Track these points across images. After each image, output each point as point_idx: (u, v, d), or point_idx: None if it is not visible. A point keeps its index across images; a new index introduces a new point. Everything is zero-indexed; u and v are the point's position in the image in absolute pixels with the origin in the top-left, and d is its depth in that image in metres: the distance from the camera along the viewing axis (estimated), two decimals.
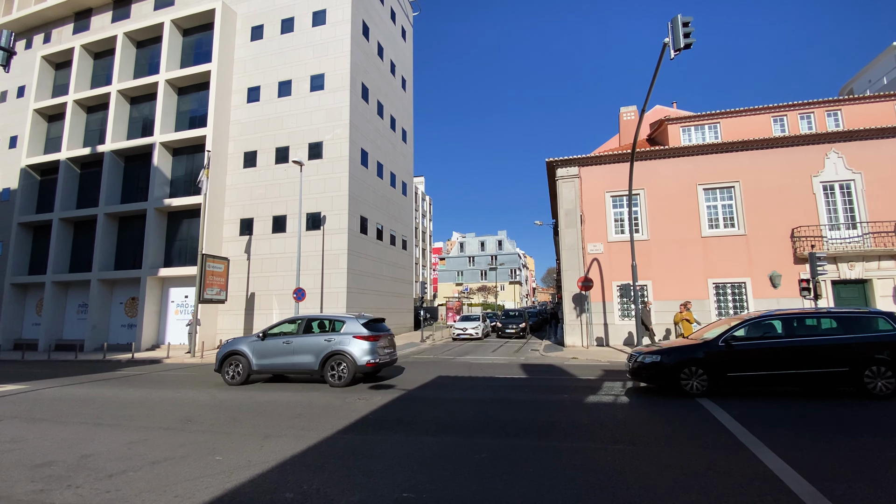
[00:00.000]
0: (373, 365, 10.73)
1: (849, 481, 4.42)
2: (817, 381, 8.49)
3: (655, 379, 9.17)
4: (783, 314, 9.13)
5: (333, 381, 10.64)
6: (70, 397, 10.16)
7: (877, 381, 8.24)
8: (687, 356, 8.91)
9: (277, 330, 11.68)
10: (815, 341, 8.61)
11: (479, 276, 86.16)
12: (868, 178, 17.07)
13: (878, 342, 8.39)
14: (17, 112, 30.75)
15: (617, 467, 4.95)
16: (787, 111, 19.97)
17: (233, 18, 26.51)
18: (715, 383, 8.75)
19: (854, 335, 8.53)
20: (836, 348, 8.46)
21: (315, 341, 11.05)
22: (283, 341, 11.28)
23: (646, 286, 18.50)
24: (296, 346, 11.13)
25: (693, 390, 8.73)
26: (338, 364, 10.70)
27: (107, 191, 25.44)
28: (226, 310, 23.88)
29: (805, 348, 8.54)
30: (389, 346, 11.73)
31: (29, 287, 27.39)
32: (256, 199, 24.64)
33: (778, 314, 9.16)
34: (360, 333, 10.85)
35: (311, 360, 10.91)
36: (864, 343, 8.41)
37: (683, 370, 8.82)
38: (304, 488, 4.50)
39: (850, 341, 8.46)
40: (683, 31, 10.95)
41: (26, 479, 4.92)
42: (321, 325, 11.63)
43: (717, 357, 8.76)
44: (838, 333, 8.67)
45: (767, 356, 8.63)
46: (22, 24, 31.61)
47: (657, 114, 26.63)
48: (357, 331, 10.88)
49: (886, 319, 8.66)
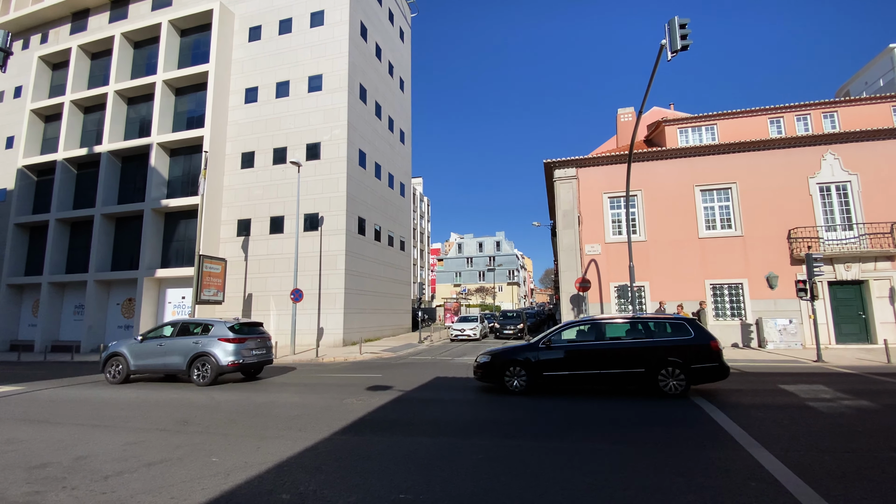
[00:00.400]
0: (235, 365, 11.56)
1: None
2: (619, 380, 9.13)
3: (486, 377, 9.78)
4: (597, 319, 9.79)
5: (198, 380, 11.38)
6: (66, 398, 10.11)
7: (669, 381, 8.88)
8: (510, 357, 9.62)
9: (155, 333, 12.46)
10: (620, 344, 9.32)
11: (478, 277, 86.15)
12: (864, 180, 17.14)
13: (671, 346, 9.03)
14: (13, 112, 30.65)
15: (614, 468, 4.95)
16: (784, 113, 20.05)
17: (231, 19, 26.49)
18: (534, 382, 9.43)
19: (653, 339, 9.23)
20: (636, 351, 9.14)
21: (184, 343, 11.83)
22: (157, 343, 12.07)
23: (643, 287, 18.54)
24: (167, 348, 11.91)
25: (515, 388, 9.43)
26: (202, 365, 11.47)
27: (104, 191, 25.36)
28: (223, 311, 23.82)
29: (610, 350, 9.23)
30: (259, 347, 12.44)
31: (25, 288, 27.27)
32: (254, 199, 24.60)
33: (593, 319, 9.83)
34: (224, 336, 11.67)
35: (180, 360, 11.71)
36: (660, 346, 9.05)
37: (507, 369, 9.52)
38: (300, 490, 4.49)
39: (648, 345, 9.15)
40: (680, 33, 11.00)
41: (22, 480, 4.89)
42: (193, 328, 12.30)
43: (541, 356, 9.48)
44: (642, 337, 9.39)
45: (578, 357, 9.30)
46: (19, 24, 31.52)
47: (654, 115, 26.72)
48: (222, 334, 11.69)
49: (685, 325, 9.28)
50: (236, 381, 12.32)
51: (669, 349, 8.98)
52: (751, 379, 10.90)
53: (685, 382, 8.79)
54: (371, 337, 25.38)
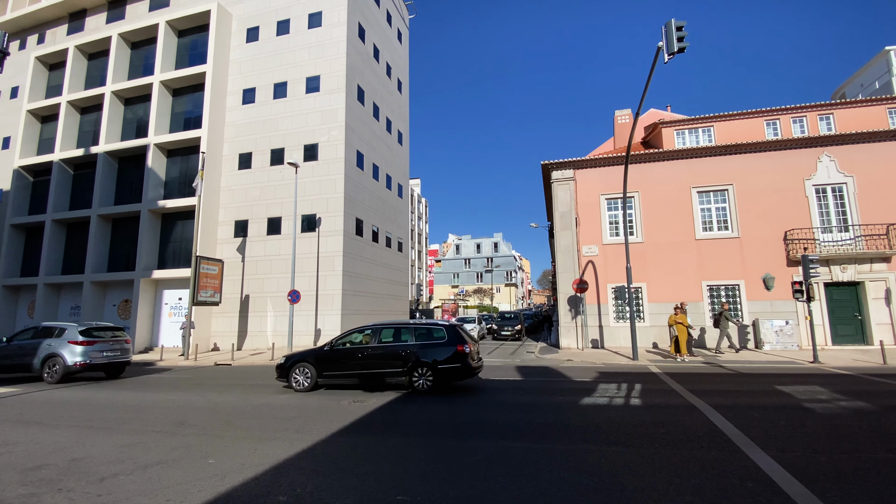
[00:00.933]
0: (82, 365, 12.71)
1: None
2: (383, 377, 10.20)
3: (281, 377, 10.74)
4: (377, 325, 10.94)
5: (49, 378, 12.68)
6: (61, 400, 10.06)
7: (420, 380, 9.95)
8: (300, 358, 10.67)
9: (19, 336, 13.79)
10: (383, 347, 10.41)
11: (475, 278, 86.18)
12: (860, 182, 17.23)
13: (425, 348, 10.13)
14: (10, 113, 30.54)
15: (612, 469, 4.95)
16: (780, 115, 20.15)
17: (228, 20, 26.46)
18: (316, 381, 10.49)
19: (412, 343, 10.31)
20: (396, 353, 10.23)
21: (38, 345, 13.10)
22: (18, 345, 13.44)
23: (641, 288, 18.58)
24: (26, 349, 13.24)
25: (299, 386, 10.45)
26: (52, 365, 12.73)
27: (100, 192, 25.28)
28: (220, 312, 23.76)
29: (376, 352, 10.34)
30: (113, 349, 13.62)
31: (21, 289, 27.15)
32: (251, 200, 24.55)
33: (374, 325, 10.96)
34: (74, 339, 12.89)
35: (35, 360, 12.93)
36: (417, 348, 10.13)
37: (296, 369, 10.57)
38: (297, 492, 4.48)
39: (407, 347, 10.21)
40: (677, 36, 11.05)
41: (17, 482, 4.87)
42: (50, 331, 13.45)
43: (322, 358, 10.61)
44: (405, 340, 10.47)
45: (351, 359, 10.42)
46: (16, 24, 31.41)
47: (651, 117, 26.81)
48: (72, 337, 12.93)
49: (442, 330, 10.31)
50: (98, 379, 13.49)
51: (425, 351, 10.07)
52: (747, 380, 10.93)
53: (433, 380, 9.86)
54: None
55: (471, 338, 10.63)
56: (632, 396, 9.14)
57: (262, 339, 23.07)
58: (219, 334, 23.71)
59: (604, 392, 9.67)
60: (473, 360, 10.15)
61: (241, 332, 23.48)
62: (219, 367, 16.52)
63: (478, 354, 10.73)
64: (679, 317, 14.64)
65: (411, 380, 9.99)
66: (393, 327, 10.84)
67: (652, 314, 18.36)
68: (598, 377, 11.81)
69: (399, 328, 10.77)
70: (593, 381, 11.27)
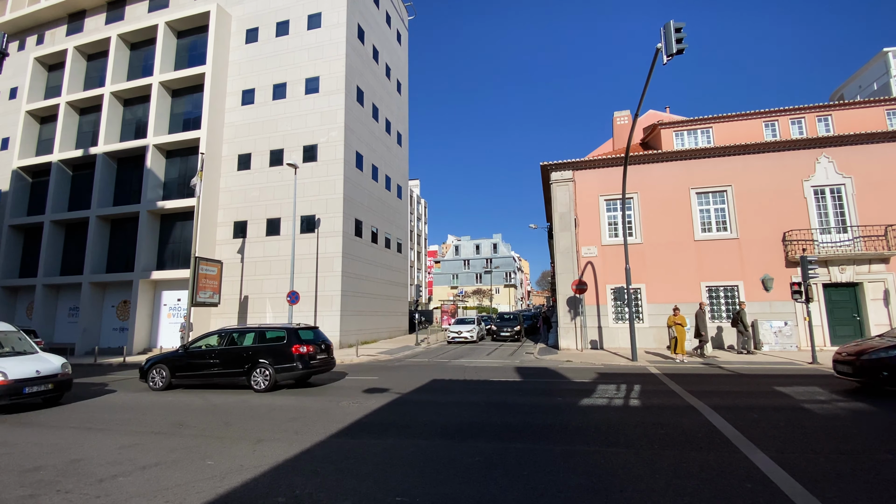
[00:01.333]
0: None
1: None
2: (228, 377, 11.02)
3: (142, 378, 11.55)
4: (226, 329, 11.80)
5: None
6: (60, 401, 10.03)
7: (259, 379, 10.67)
8: (157, 361, 11.60)
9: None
10: (229, 349, 11.22)
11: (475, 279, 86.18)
12: (858, 183, 17.26)
13: (262, 349, 10.90)
14: (8, 114, 30.52)
15: (611, 470, 4.95)
16: (779, 116, 20.19)
17: (227, 21, 26.47)
18: (171, 381, 11.34)
19: (254, 345, 11.09)
20: (240, 354, 11.02)
21: None
22: None
23: (640, 289, 18.59)
24: None
25: (155, 385, 11.31)
26: None
27: (99, 193, 25.25)
28: (219, 313, 23.74)
29: (222, 354, 11.16)
30: None
31: (19, 290, 27.10)
32: (250, 201, 24.55)
33: (224, 329, 11.83)
34: None
35: None
36: (255, 350, 10.93)
37: (153, 370, 11.45)
38: (296, 493, 4.48)
39: (249, 349, 11.00)
40: (676, 37, 11.07)
41: (15, 483, 4.86)
42: None
43: (176, 360, 11.46)
44: (250, 343, 11.24)
45: (201, 360, 11.29)
46: (15, 25, 31.40)
47: (650, 118, 26.86)
48: None
49: (284, 333, 11.08)
50: None
51: (262, 352, 10.85)
52: (746, 381, 10.94)
53: (270, 379, 10.59)
54: (368, 339, 25.33)
55: (316, 342, 11.54)
56: (631, 397, 9.15)
57: None
58: None
59: (603, 393, 9.67)
60: (314, 359, 11.08)
61: None
62: None
63: (322, 355, 11.57)
64: (678, 318, 14.65)
65: (250, 379, 10.75)
66: (239, 331, 11.78)
67: (651, 315, 18.36)
68: (598, 378, 11.82)
69: (245, 332, 11.70)
70: (592, 382, 11.27)
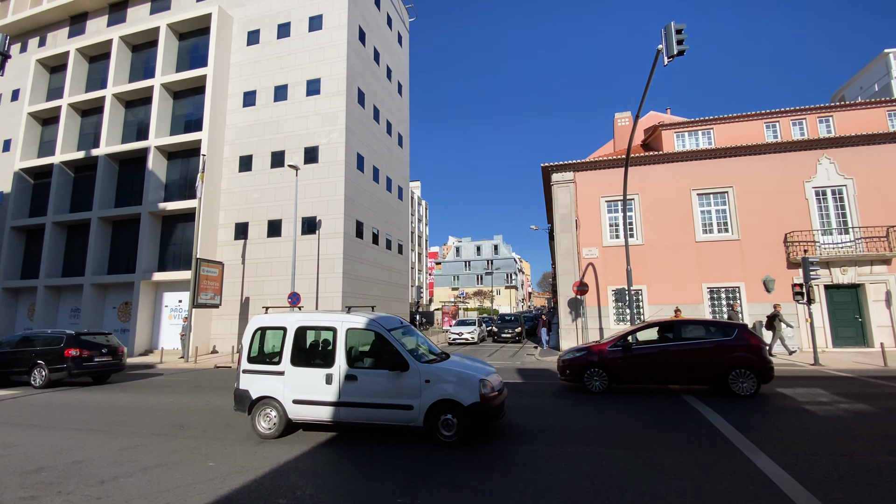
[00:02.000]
0: None
1: None
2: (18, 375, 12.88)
3: None
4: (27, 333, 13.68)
5: None
6: (61, 403, 10.05)
7: (37, 380, 12.50)
8: None
9: None
10: (17, 350, 13.06)
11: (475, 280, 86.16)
12: (860, 184, 17.23)
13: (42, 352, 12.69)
14: (10, 115, 30.58)
15: (612, 471, 4.94)
16: (780, 117, 20.17)
17: (229, 23, 26.53)
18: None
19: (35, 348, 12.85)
20: (29, 355, 12.74)
21: None
22: None
23: (641, 291, 18.57)
24: None
25: (37, 382, 12.68)
26: None
27: (101, 195, 25.29)
28: (220, 314, 23.74)
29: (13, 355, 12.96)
30: None
31: (21, 291, 27.13)
32: (252, 203, 24.57)
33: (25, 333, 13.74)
34: None
35: None
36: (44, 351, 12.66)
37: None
38: (297, 494, 4.47)
39: (32, 352, 12.81)
40: (676, 38, 11.08)
41: (17, 485, 4.86)
42: None
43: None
44: (34, 346, 12.92)
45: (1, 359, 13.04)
46: (17, 27, 31.50)
47: (651, 120, 26.85)
48: None
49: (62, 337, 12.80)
50: None
51: (40, 354, 12.59)
52: None
53: (45, 378, 12.34)
54: None
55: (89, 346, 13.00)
56: (632, 399, 9.13)
57: None
58: (219, 337, 23.69)
59: (605, 394, 9.64)
60: (90, 362, 12.72)
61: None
62: (219, 370, 16.51)
63: (101, 359, 13.10)
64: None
65: (31, 378, 12.46)
66: (33, 335, 13.35)
67: (652, 316, 18.33)
68: None
69: (34, 336, 13.26)
70: None
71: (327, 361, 6.59)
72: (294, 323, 6.91)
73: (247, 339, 7.13)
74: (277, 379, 6.70)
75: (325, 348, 7.01)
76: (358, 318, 6.73)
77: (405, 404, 6.13)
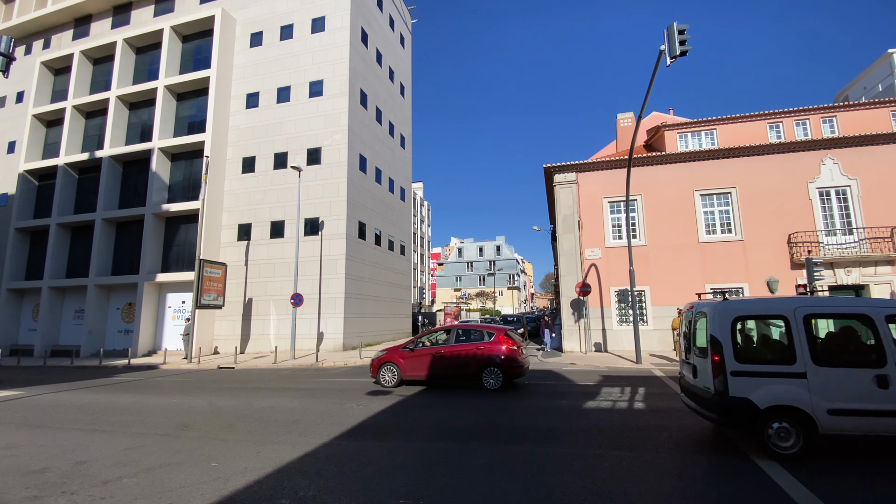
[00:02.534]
0: None
1: None
2: None
3: None
4: None
5: None
6: (65, 403, 10.09)
7: None
8: None
9: None
10: None
11: (478, 281, 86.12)
12: (864, 184, 17.16)
13: None
14: (15, 117, 30.78)
15: (615, 473, 4.93)
16: (783, 118, 20.11)
17: (232, 25, 26.63)
18: None
19: None
20: None
21: None
22: None
23: (644, 291, 18.52)
24: None
25: None
26: None
27: (105, 196, 25.41)
28: (223, 315, 23.80)
29: None
30: None
31: (25, 292, 27.27)
32: (255, 204, 24.64)
33: None
34: None
35: None
36: None
37: None
38: (300, 495, 4.48)
39: None
40: (679, 39, 11.07)
41: (21, 485, 4.88)
42: None
43: None
44: None
45: None
46: (22, 29, 31.72)
47: (654, 120, 26.82)
48: None
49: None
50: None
51: None
52: None
53: None
54: (371, 341, 25.34)
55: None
56: (635, 400, 9.11)
57: (265, 343, 23.09)
58: (222, 337, 23.74)
59: (607, 396, 9.63)
60: None
61: (244, 336, 23.51)
62: (222, 371, 16.55)
63: None
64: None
65: None
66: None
67: (655, 317, 18.29)
68: (602, 381, 11.77)
69: None
70: (597, 384, 11.23)
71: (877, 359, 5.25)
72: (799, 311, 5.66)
73: (724, 333, 5.71)
74: (796, 383, 5.37)
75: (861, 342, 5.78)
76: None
77: None
